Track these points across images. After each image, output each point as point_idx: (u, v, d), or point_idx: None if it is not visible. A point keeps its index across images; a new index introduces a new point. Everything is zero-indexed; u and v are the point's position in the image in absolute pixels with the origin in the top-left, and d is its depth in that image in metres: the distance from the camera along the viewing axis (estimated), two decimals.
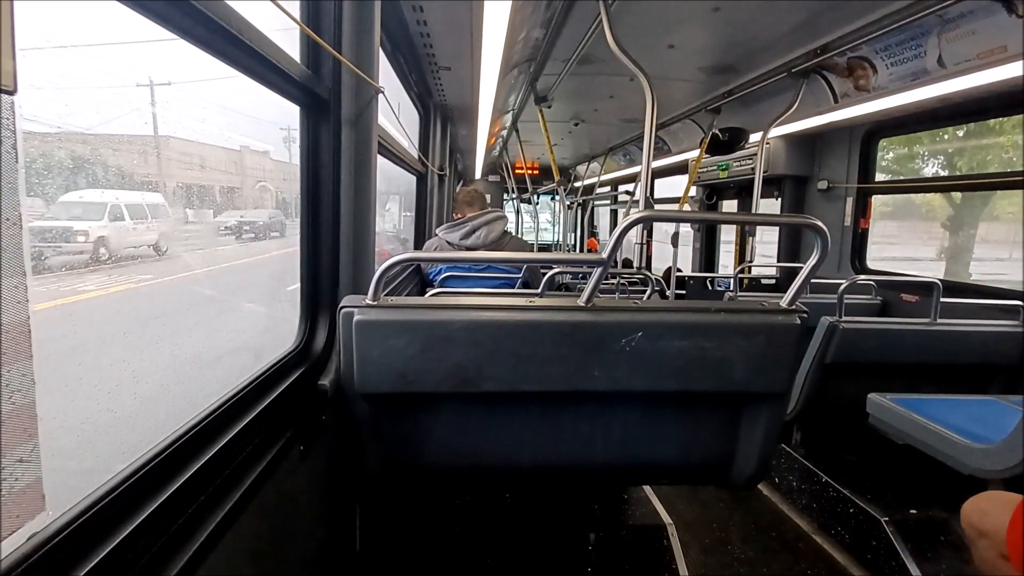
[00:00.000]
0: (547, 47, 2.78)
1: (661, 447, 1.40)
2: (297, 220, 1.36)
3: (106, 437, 1.00)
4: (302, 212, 1.34)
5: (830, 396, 2.44)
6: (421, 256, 1.56)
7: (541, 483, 2.08)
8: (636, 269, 2.58)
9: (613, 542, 1.89)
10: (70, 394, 0.98)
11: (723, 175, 4.66)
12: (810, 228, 1.18)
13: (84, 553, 0.59)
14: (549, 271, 2.28)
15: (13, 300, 0.49)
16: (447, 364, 1.19)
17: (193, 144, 1.63)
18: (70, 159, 0.88)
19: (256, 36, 0.93)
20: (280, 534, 1.07)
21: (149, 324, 1.62)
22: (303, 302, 1.36)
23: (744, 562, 2.17)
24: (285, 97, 1.18)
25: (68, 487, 0.62)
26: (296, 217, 1.37)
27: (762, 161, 3.61)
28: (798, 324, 1.27)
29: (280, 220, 2.76)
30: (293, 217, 1.64)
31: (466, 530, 1.88)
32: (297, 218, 1.36)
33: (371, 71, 1.42)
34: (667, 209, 5.18)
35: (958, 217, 4.05)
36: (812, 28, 2.53)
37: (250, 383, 1.04)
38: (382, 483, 1.36)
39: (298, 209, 1.35)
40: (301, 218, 1.34)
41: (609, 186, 8.31)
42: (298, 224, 1.34)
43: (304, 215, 1.34)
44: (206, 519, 0.78)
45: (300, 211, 1.34)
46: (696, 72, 3.30)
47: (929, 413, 1.96)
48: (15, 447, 0.52)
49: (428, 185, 3.79)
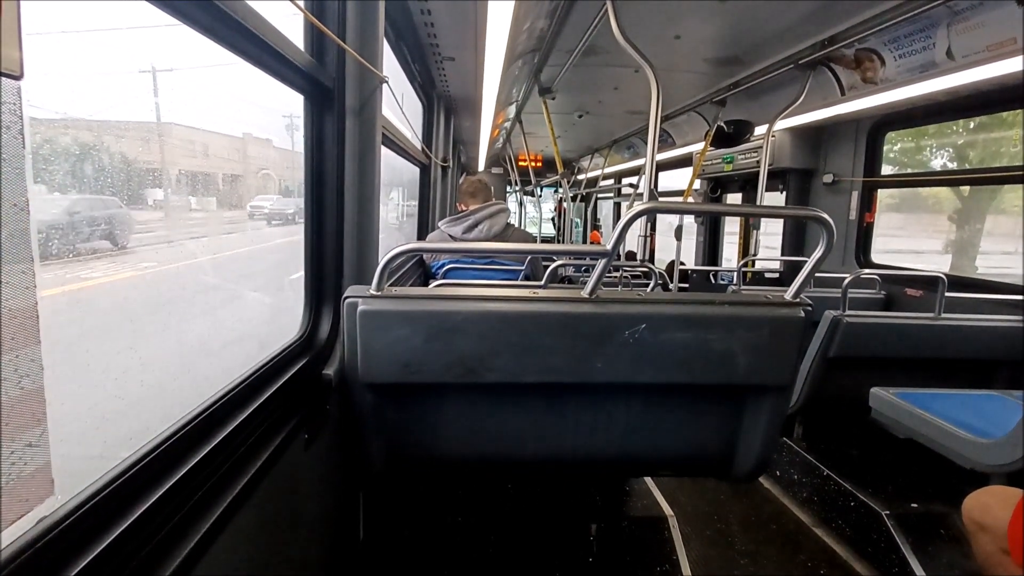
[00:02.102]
0: (551, 38, 2.76)
1: (663, 439, 1.40)
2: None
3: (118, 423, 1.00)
4: (306, 202, 1.33)
5: (833, 390, 2.44)
6: (425, 247, 1.56)
7: (543, 474, 2.09)
8: (639, 262, 2.57)
9: (614, 533, 1.90)
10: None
11: (727, 168, 4.63)
12: (815, 221, 1.18)
13: (93, 537, 0.59)
14: (552, 263, 2.28)
15: (21, 286, 0.49)
16: (451, 355, 1.20)
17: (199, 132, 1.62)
18: (76, 145, 0.88)
19: (261, 24, 0.92)
20: (284, 522, 1.08)
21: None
22: (307, 291, 1.37)
23: (745, 554, 2.18)
24: (289, 86, 1.18)
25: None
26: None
27: (767, 154, 3.59)
28: (802, 317, 1.26)
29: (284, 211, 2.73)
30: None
31: (468, 520, 1.89)
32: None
33: (375, 60, 1.42)
34: (671, 201, 5.17)
35: (965, 210, 4.02)
36: (820, 19, 2.50)
37: (255, 372, 1.04)
38: (385, 472, 1.37)
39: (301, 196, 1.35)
40: (305, 208, 1.34)
41: (612, 179, 8.28)
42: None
43: (308, 205, 1.34)
44: (211, 506, 0.79)
45: (304, 201, 1.34)
46: (702, 63, 3.27)
47: (931, 408, 1.96)
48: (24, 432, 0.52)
49: (431, 177, 3.78)
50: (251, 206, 2.41)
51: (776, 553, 2.19)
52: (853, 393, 2.32)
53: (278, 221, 2.51)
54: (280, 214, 2.50)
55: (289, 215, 2.45)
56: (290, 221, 2.43)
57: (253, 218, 2.44)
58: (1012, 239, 3.50)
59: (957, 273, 3.19)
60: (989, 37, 2.14)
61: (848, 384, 2.39)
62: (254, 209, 2.45)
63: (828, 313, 2.31)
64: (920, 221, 4.63)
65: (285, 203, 2.51)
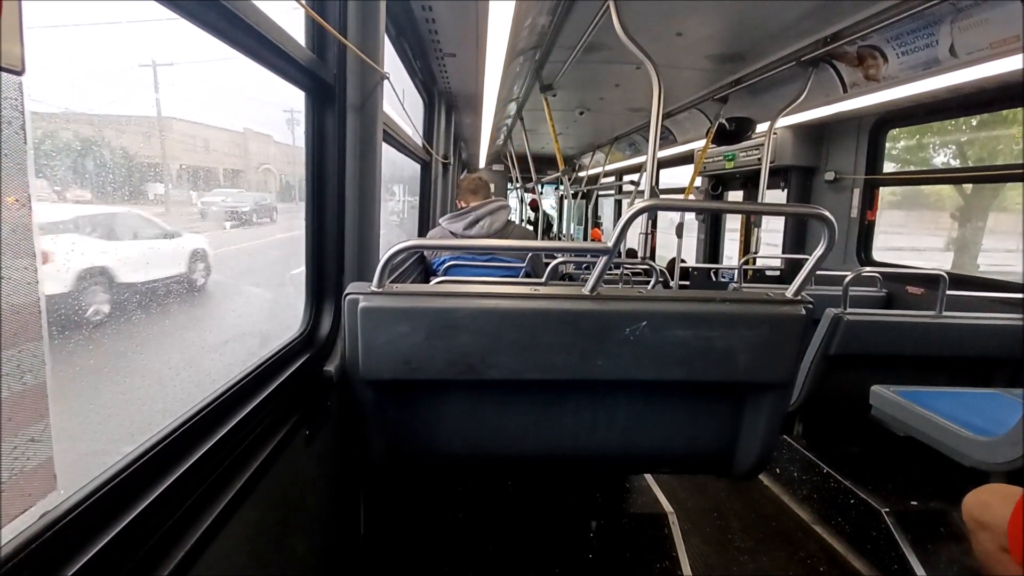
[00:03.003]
0: (553, 34, 2.75)
1: (663, 436, 1.40)
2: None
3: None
4: (307, 198, 1.33)
5: (833, 388, 2.44)
6: (425, 243, 1.56)
7: (543, 471, 2.09)
8: (640, 259, 2.57)
9: (614, 530, 1.90)
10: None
11: (729, 166, 4.62)
12: (817, 218, 1.17)
13: (96, 531, 0.60)
14: (553, 261, 2.27)
15: (23, 281, 0.49)
16: (451, 351, 1.20)
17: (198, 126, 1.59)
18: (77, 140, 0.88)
19: (262, 20, 0.92)
20: (285, 517, 1.09)
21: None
22: (308, 288, 1.37)
23: (744, 551, 2.19)
24: (290, 82, 1.18)
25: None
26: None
27: (769, 151, 3.58)
28: (803, 315, 1.26)
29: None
30: (297, 200, 1.53)
31: (468, 516, 1.89)
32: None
33: (376, 56, 1.41)
34: (672, 198, 5.16)
35: (967, 208, 4.01)
36: (823, 16, 2.49)
37: (256, 368, 1.04)
38: (386, 468, 1.38)
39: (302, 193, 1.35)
40: (306, 204, 1.34)
41: (613, 176, 8.27)
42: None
43: (309, 201, 1.34)
44: (213, 501, 0.79)
45: (305, 197, 1.34)
46: (704, 60, 3.26)
47: (932, 405, 1.96)
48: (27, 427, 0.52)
49: (432, 173, 3.78)
50: (202, 202, 1.79)
51: (775, 550, 2.20)
52: (853, 391, 2.32)
53: (233, 223, 1.93)
54: (235, 213, 1.93)
55: (244, 214, 1.97)
56: (248, 222, 1.99)
57: (205, 218, 1.78)
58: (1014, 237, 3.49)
59: (959, 271, 3.19)
60: (992, 34, 2.13)
61: (848, 382, 2.39)
62: (205, 206, 1.81)
63: (829, 311, 2.31)
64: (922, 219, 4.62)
65: (242, 199, 1.97)
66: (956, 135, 3.73)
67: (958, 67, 2.35)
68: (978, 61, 2.25)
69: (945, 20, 2.26)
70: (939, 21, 2.29)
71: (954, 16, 2.22)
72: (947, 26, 2.27)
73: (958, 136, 3.73)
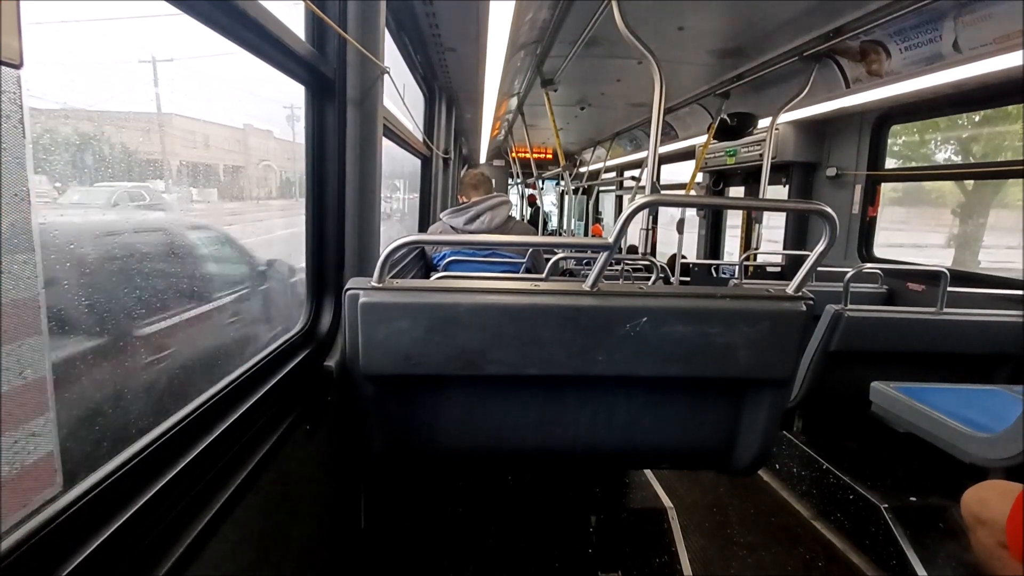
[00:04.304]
0: (554, 29, 2.74)
1: (663, 432, 1.41)
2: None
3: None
4: (307, 193, 1.33)
5: (833, 384, 2.45)
6: (426, 239, 1.56)
7: (543, 466, 2.10)
8: (641, 255, 2.57)
9: (614, 525, 1.91)
10: None
11: (730, 161, 4.61)
12: (818, 214, 1.17)
13: (97, 526, 0.60)
14: (553, 256, 2.27)
15: (23, 276, 0.49)
16: (452, 347, 1.20)
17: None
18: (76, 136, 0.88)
19: (261, 13, 0.91)
20: (285, 512, 1.09)
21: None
22: (308, 283, 1.37)
23: (743, 546, 2.19)
24: (290, 76, 1.17)
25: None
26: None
27: (770, 147, 3.57)
28: (803, 311, 1.26)
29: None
30: (297, 197, 1.49)
31: (468, 511, 1.90)
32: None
33: (376, 51, 1.41)
34: (674, 194, 5.14)
35: (968, 204, 4.00)
36: (826, 11, 2.48)
37: (257, 363, 1.04)
38: (386, 463, 1.38)
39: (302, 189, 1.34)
40: (306, 199, 1.33)
41: (615, 172, 8.25)
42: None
43: (309, 196, 1.33)
44: (214, 496, 0.79)
45: (305, 192, 1.33)
46: (705, 55, 3.24)
47: (932, 402, 1.96)
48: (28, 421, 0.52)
49: (433, 169, 3.77)
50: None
51: (775, 545, 2.21)
52: (853, 387, 2.32)
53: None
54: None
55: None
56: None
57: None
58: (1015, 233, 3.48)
59: (960, 267, 3.18)
60: (996, 29, 2.12)
61: (849, 378, 2.39)
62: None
63: (830, 307, 2.31)
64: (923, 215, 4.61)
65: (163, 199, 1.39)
66: (958, 131, 3.72)
67: (961, 63, 2.34)
68: (981, 57, 2.24)
69: (948, 15, 2.25)
70: (943, 16, 2.27)
71: (958, 11, 2.21)
72: (950, 21, 2.26)
73: (960, 132, 3.71)
